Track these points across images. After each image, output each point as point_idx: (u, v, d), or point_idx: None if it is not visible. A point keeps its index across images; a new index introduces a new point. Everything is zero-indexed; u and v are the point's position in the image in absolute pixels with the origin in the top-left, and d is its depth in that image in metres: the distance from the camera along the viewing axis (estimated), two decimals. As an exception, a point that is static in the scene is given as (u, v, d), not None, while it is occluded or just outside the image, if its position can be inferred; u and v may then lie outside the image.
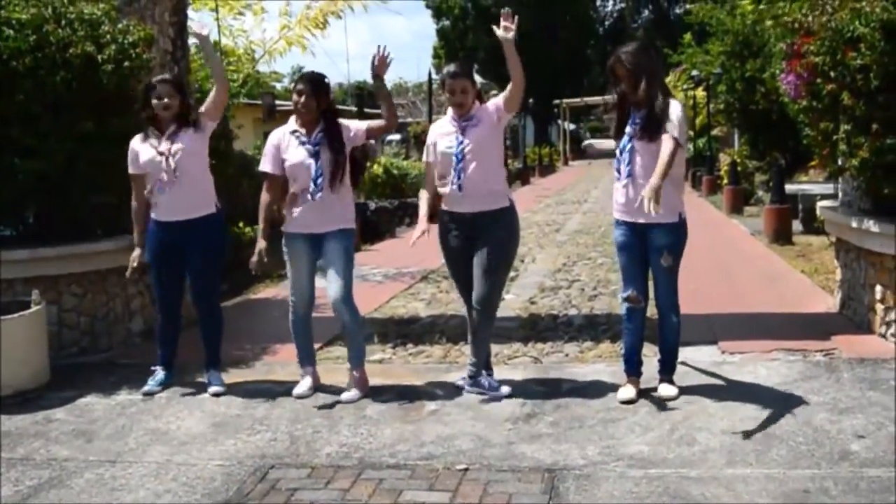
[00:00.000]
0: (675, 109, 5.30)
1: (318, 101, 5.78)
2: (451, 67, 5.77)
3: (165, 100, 5.96)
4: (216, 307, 6.30)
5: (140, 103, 6.20)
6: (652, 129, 5.30)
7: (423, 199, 5.87)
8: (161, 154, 5.94)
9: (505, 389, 5.80)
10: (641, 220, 5.40)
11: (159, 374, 6.24)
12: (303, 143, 5.79)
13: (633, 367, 5.78)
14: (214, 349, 6.27)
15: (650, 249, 5.50)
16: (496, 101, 5.69)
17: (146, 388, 6.13)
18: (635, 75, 5.36)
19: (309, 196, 5.76)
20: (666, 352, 5.72)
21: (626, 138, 5.44)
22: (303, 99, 5.75)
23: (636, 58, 5.40)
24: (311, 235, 5.85)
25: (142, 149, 6.02)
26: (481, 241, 5.66)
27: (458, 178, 5.61)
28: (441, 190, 5.78)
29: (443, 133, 5.77)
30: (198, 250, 6.06)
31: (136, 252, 6.07)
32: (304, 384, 6.02)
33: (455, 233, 5.79)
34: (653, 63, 5.47)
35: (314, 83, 5.81)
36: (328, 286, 5.84)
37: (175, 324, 6.32)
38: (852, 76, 6.34)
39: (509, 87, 5.57)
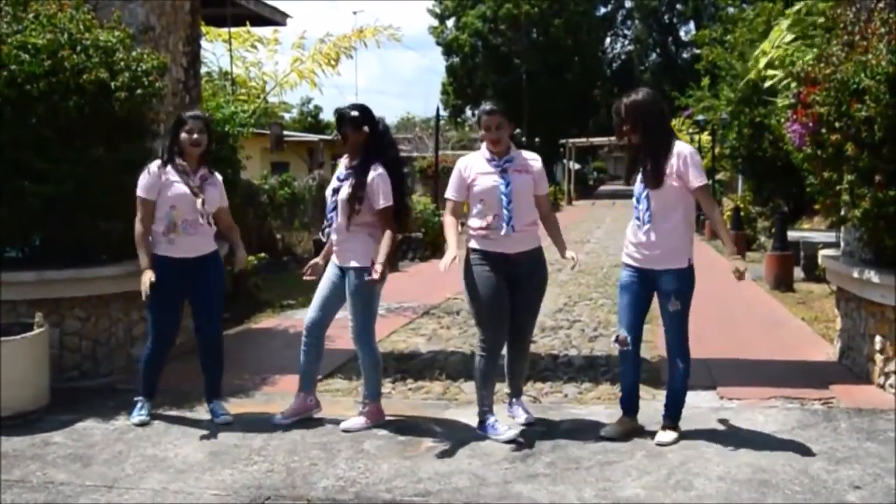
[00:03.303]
0: (687, 156, 5.46)
1: (345, 136, 5.93)
2: (487, 105, 5.86)
3: (195, 135, 5.99)
4: (219, 339, 6.32)
5: (169, 134, 6.20)
6: (657, 177, 5.43)
7: (452, 226, 5.85)
8: (195, 194, 5.98)
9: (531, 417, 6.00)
10: (651, 266, 5.48)
11: (145, 404, 6.20)
12: (340, 177, 5.99)
13: (626, 407, 5.83)
14: (217, 380, 6.28)
15: (659, 294, 5.56)
16: (540, 177, 5.83)
17: (139, 418, 6.09)
18: (638, 122, 5.45)
19: (326, 228, 5.99)
20: (671, 398, 5.73)
21: (640, 185, 5.52)
22: (347, 140, 5.95)
23: (640, 105, 5.48)
24: (339, 267, 6.00)
25: (172, 180, 5.96)
26: (525, 281, 5.74)
27: (510, 218, 5.64)
28: (479, 228, 5.74)
29: (481, 172, 5.76)
30: (204, 284, 6.10)
31: (149, 275, 5.86)
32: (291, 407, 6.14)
33: (492, 270, 5.71)
34: (656, 110, 5.55)
35: (339, 119, 5.98)
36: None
37: (166, 355, 6.31)
38: (857, 127, 6.40)
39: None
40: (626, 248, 5.70)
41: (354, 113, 5.93)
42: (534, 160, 5.84)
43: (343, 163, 6.08)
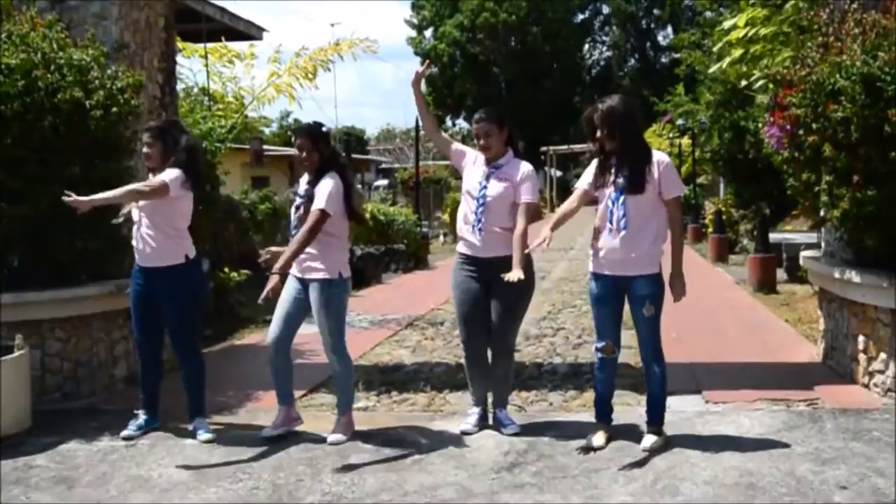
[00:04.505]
0: (667, 164, 5.50)
1: (309, 152, 5.92)
2: (478, 113, 5.94)
3: (146, 149, 6.11)
4: (195, 353, 6.30)
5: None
6: (641, 183, 5.42)
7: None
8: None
9: (515, 428, 5.96)
10: (624, 273, 5.48)
11: (140, 417, 6.23)
12: (300, 193, 6.00)
13: (604, 415, 5.84)
14: (197, 396, 6.24)
15: (632, 300, 5.55)
16: (522, 187, 5.78)
17: (125, 432, 6.11)
18: (614, 128, 5.44)
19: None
20: (651, 402, 5.72)
21: (616, 191, 5.48)
22: (303, 154, 5.92)
23: (615, 111, 5.48)
24: (299, 279, 5.94)
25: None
26: (499, 285, 5.66)
27: (477, 222, 5.76)
28: (462, 232, 5.91)
29: (473, 165, 5.96)
30: (167, 297, 6.10)
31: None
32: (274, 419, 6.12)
33: (471, 275, 5.87)
34: (632, 117, 5.57)
35: (309, 134, 5.97)
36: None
37: (155, 368, 6.30)
38: (834, 128, 6.42)
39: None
40: (595, 257, 5.65)
41: (321, 128, 6.06)
42: (519, 170, 5.83)
43: (303, 180, 6.09)
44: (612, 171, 5.52)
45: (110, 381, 7.36)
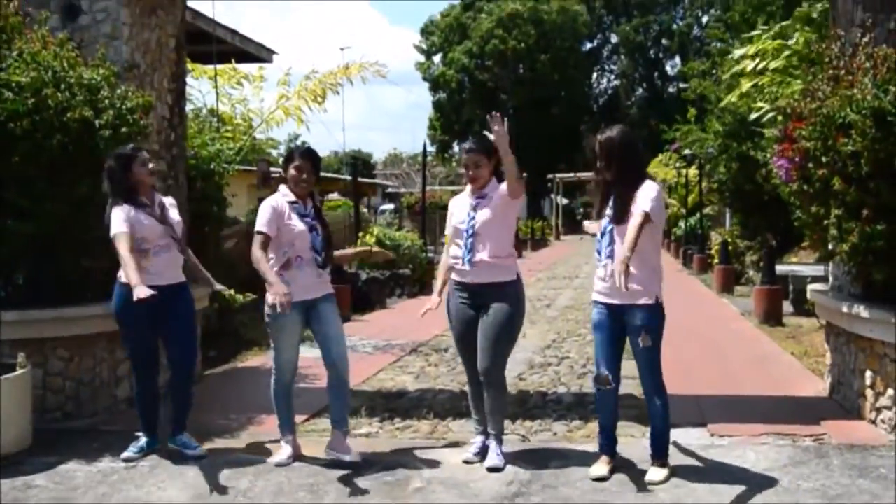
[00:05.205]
0: (649, 190, 5.41)
1: (317, 176, 6.09)
2: (467, 143, 5.96)
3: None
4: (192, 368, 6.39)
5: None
6: (623, 212, 5.39)
7: (442, 270, 6.09)
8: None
9: (500, 462, 5.87)
10: (618, 301, 5.46)
11: (142, 440, 6.20)
12: (301, 216, 5.95)
13: (606, 446, 5.78)
14: (185, 412, 6.28)
15: (629, 331, 5.52)
16: (503, 187, 5.76)
17: (126, 453, 6.09)
18: (611, 159, 5.45)
19: (314, 263, 5.95)
20: (655, 435, 5.67)
21: (605, 220, 5.51)
22: (304, 175, 5.97)
23: (613, 142, 5.49)
24: (303, 302, 5.90)
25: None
26: (486, 311, 5.78)
27: (469, 252, 5.78)
28: (451, 261, 5.94)
29: (459, 206, 5.96)
30: (175, 316, 6.13)
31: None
32: (284, 452, 6.03)
33: (464, 302, 5.91)
34: (629, 147, 5.56)
35: (315, 160, 6.08)
36: (330, 345, 5.97)
37: (154, 389, 6.28)
38: (843, 162, 6.40)
39: (505, 180, 5.69)
40: (595, 285, 5.66)
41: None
42: (498, 189, 5.81)
43: (295, 200, 6.04)
44: (608, 200, 5.54)
45: (112, 401, 7.33)
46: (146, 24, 8.16)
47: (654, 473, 5.54)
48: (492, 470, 5.75)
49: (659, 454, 5.65)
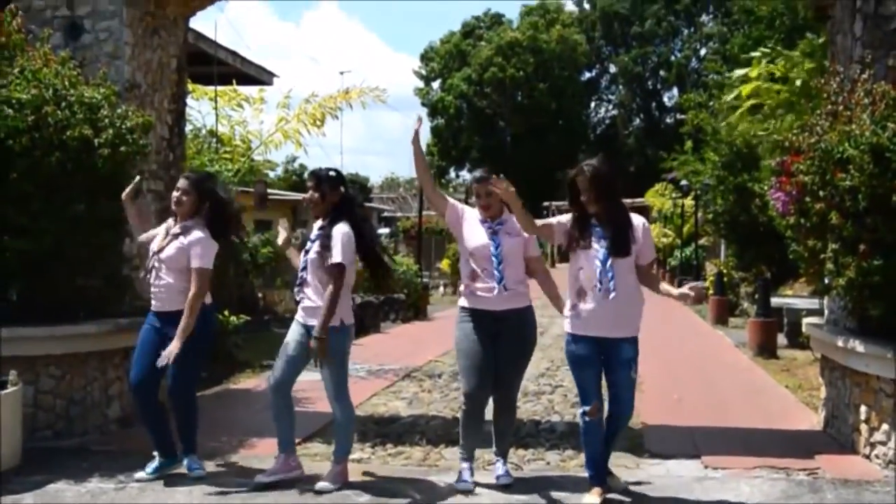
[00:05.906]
0: (647, 231, 5.64)
1: (323, 196, 5.99)
2: (478, 172, 6.07)
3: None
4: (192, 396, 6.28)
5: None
6: (627, 246, 5.49)
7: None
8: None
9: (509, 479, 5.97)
10: (608, 335, 5.49)
11: (156, 460, 6.13)
12: (311, 238, 6.03)
13: (596, 477, 5.73)
14: (190, 435, 6.20)
15: (617, 364, 5.55)
16: (525, 238, 5.93)
17: (139, 473, 6.05)
18: (600, 192, 5.47)
19: (296, 287, 5.99)
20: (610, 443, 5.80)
21: (604, 253, 5.47)
22: (308, 194, 6.03)
23: (601, 175, 5.52)
24: (303, 325, 5.95)
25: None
26: (510, 337, 5.88)
27: (501, 279, 5.81)
28: (470, 285, 5.93)
29: (473, 226, 5.98)
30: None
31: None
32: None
33: (480, 327, 5.89)
34: (616, 179, 5.69)
35: (318, 179, 6.03)
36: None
37: (156, 409, 6.20)
38: (841, 197, 6.41)
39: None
40: (577, 318, 5.58)
41: (332, 173, 6.08)
42: (513, 218, 5.89)
43: (316, 224, 6.11)
44: (595, 233, 5.53)
45: (103, 421, 7.28)
46: (148, 45, 8.18)
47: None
48: (505, 487, 5.86)
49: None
